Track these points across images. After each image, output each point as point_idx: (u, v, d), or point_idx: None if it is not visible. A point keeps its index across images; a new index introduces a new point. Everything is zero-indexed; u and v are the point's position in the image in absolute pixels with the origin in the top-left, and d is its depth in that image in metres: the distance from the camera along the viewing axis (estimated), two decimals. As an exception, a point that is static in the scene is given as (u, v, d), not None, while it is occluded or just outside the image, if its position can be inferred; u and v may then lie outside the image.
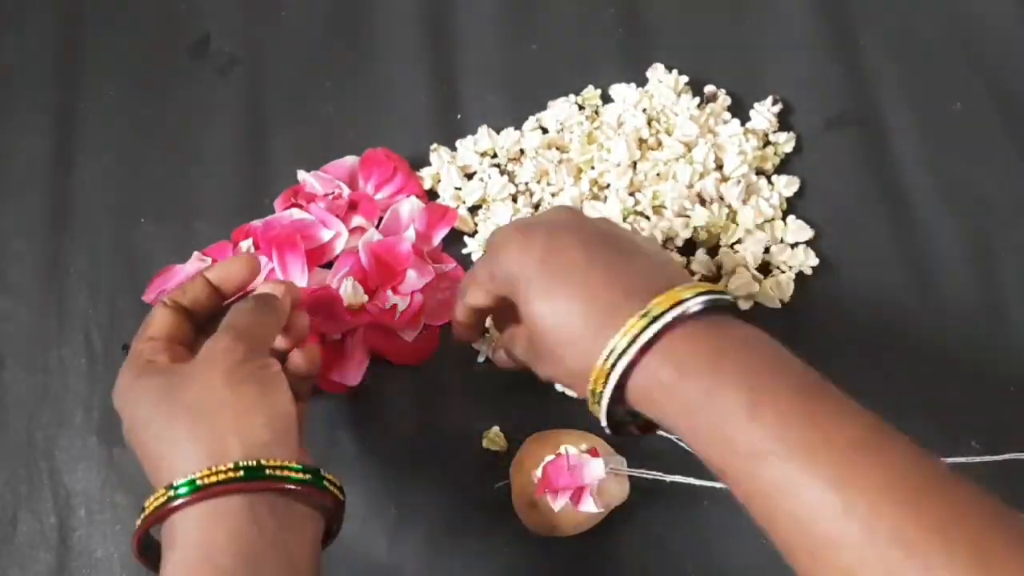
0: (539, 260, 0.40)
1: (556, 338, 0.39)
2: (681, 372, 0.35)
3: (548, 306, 0.39)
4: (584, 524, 0.49)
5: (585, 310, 0.38)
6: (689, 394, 0.35)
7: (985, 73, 0.63)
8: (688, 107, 0.60)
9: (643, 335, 0.36)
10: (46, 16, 0.67)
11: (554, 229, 0.41)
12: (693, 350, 0.36)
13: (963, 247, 0.58)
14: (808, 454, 0.31)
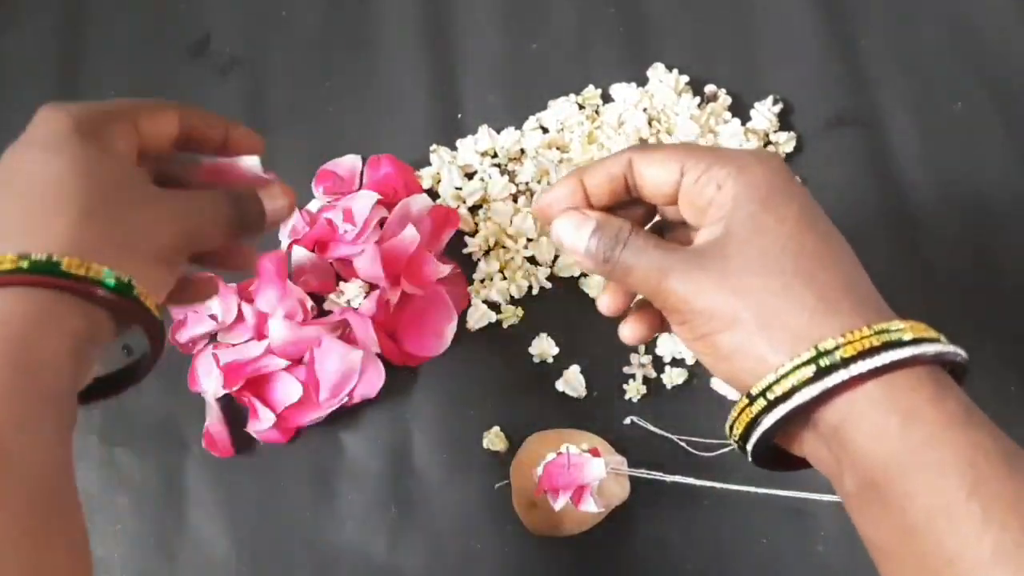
0: (806, 193, 0.33)
1: (799, 267, 0.31)
2: (906, 419, 0.29)
3: (813, 238, 0.32)
4: (584, 524, 0.49)
5: (855, 274, 0.32)
6: (901, 448, 0.28)
7: (985, 73, 0.63)
8: (688, 107, 0.60)
9: (882, 354, 0.29)
10: (46, 16, 0.67)
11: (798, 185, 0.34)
12: (919, 400, 0.29)
13: (963, 247, 0.58)
14: None
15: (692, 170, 0.33)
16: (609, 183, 0.35)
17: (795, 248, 0.31)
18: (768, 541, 0.51)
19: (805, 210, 0.33)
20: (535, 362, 0.55)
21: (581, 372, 0.55)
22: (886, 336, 0.29)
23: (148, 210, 0.33)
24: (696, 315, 0.32)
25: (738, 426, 0.32)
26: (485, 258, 0.57)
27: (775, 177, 0.33)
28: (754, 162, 0.33)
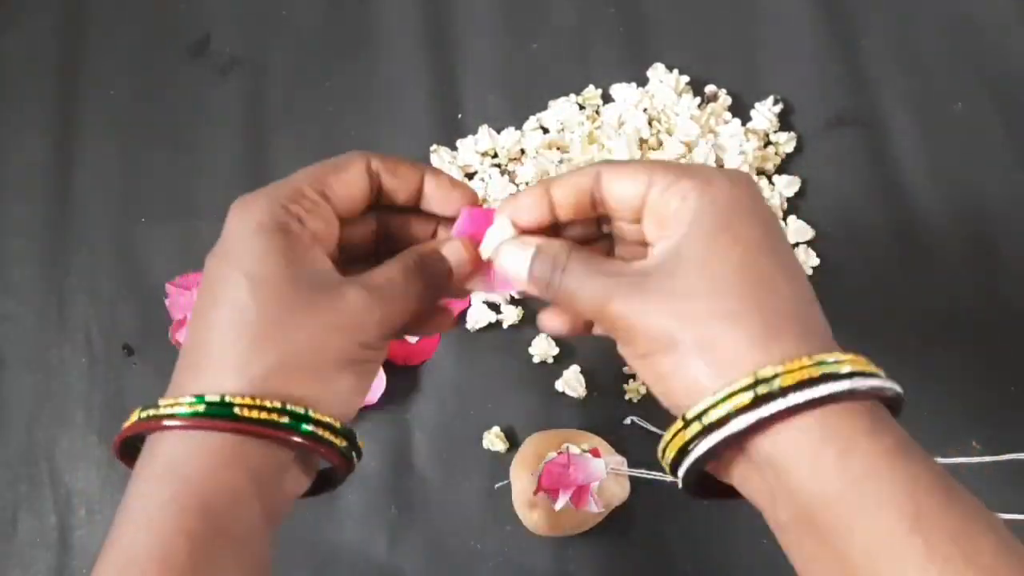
0: (771, 216, 0.32)
1: (748, 292, 0.30)
2: (843, 451, 0.28)
3: (770, 262, 0.31)
4: (584, 524, 0.49)
5: (745, 299, 0.30)
6: (838, 482, 0.28)
7: (986, 73, 0.63)
8: (689, 107, 0.60)
9: (820, 386, 0.28)
10: (46, 16, 0.67)
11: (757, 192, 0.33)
12: (856, 433, 0.28)
13: (964, 247, 0.58)
14: None
15: (659, 182, 0.33)
16: (575, 195, 0.35)
17: (746, 272, 0.31)
18: (768, 541, 0.51)
19: (766, 234, 0.32)
20: (535, 362, 0.55)
21: (581, 372, 0.55)
22: (825, 367, 0.29)
23: (331, 315, 0.32)
24: (637, 336, 0.31)
25: (670, 450, 0.31)
26: (485, 258, 0.57)
27: (741, 195, 0.32)
28: (722, 179, 0.32)
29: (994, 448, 0.50)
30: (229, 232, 0.34)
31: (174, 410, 0.30)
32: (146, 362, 0.57)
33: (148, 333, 0.57)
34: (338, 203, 0.35)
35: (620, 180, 0.34)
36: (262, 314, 0.31)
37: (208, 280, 0.33)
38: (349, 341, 0.32)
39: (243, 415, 0.30)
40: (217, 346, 0.31)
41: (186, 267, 0.58)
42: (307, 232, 0.33)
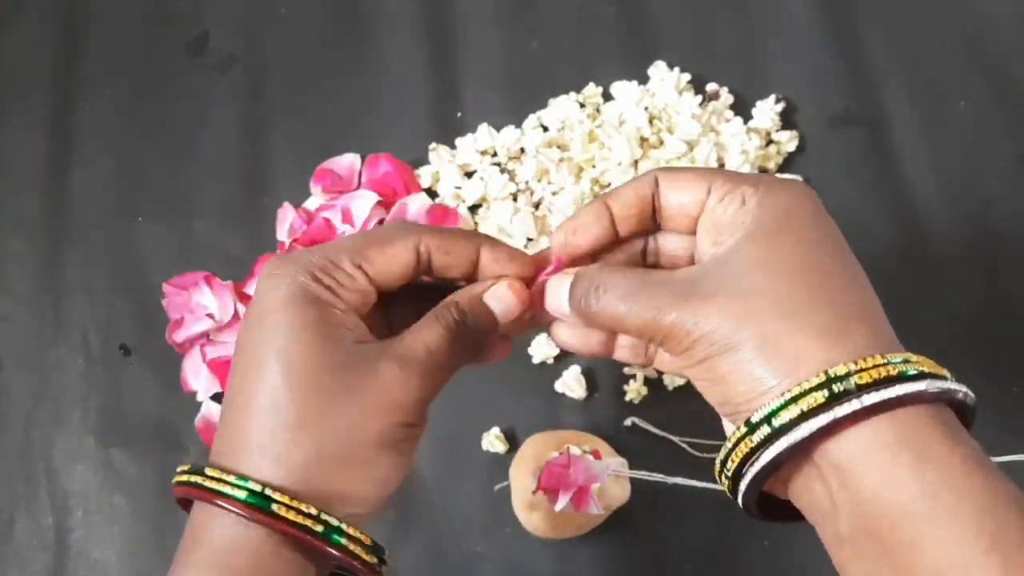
0: (833, 224, 0.31)
1: (813, 290, 0.29)
2: (918, 458, 0.26)
3: (832, 261, 0.30)
4: (585, 526, 0.49)
5: (869, 303, 0.29)
6: (911, 491, 0.26)
7: (989, 72, 0.62)
8: (690, 105, 0.59)
9: (896, 386, 0.27)
10: (45, 15, 0.67)
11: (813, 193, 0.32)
12: (932, 440, 0.27)
13: (966, 246, 0.57)
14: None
15: (718, 189, 0.32)
16: (638, 204, 0.33)
17: (811, 270, 0.29)
18: (769, 543, 0.51)
19: (827, 236, 0.31)
20: (535, 362, 0.55)
21: (581, 373, 0.54)
22: (902, 367, 0.27)
23: (368, 398, 0.31)
24: (695, 342, 0.29)
25: (734, 458, 0.29)
26: (485, 258, 0.57)
27: (802, 201, 0.31)
28: (780, 186, 0.31)
29: (994, 448, 0.49)
30: (260, 298, 0.32)
31: (222, 488, 0.30)
32: (143, 362, 0.56)
33: (145, 333, 0.57)
34: (376, 276, 0.33)
35: (679, 186, 0.33)
36: (297, 401, 0.30)
37: (242, 349, 0.32)
38: (387, 423, 0.31)
39: (280, 514, 0.29)
40: (256, 433, 0.30)
41: (183, 267, 0.58)
42: (341, 302, 0.32)
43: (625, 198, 0.33)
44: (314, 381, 0.30)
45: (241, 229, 0.60)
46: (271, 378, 0.30)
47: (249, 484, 0.29)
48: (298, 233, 0.57)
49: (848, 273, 0.30)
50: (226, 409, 0.32)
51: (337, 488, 0.30)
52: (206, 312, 0.55)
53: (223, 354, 0.53)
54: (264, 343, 0.31)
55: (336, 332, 0.31)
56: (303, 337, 0.31)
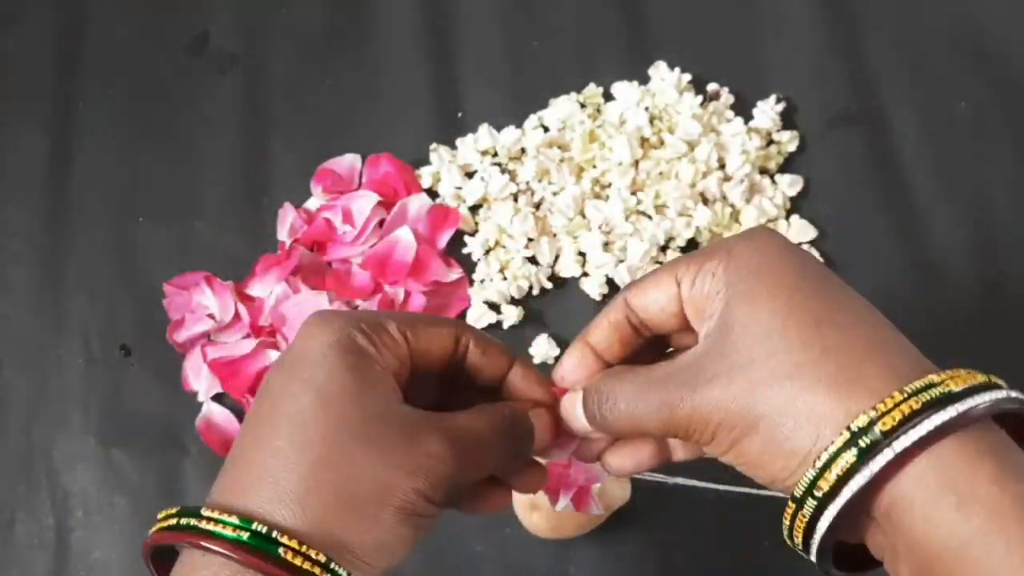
0: (804, 260, 0.30)
1: (803, 345, 0.27)
2: (963, 500, 0.25)
3: (814, 307, 0.28)
4: (585, 526, 0.49)
5: (871, 335, 0.28)
6: (960, 535, 0.25)
7: (990, 73, 0.62)
8: (691, 105, 0.59)
9: (924, 422, 0.25)
10: (46, 15, 0.67)
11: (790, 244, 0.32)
12: (977, 477, 0.25)
13: (967, 247, 0.57)
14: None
15: (686, 276, 0.31)
16: (614, 333, 0.33)
17: (798, 319, 0.28)
18: (770, 543, 0.51)
19: (804, 275, 0.29)
20: (536, 363, 0.55)
21: (582, 373, 0.54)
22: (925, 396, 0.26)
23: (403, 457, 0.29)
24: (716, 429, 0.29)
25: (797, 534, 0.28)
26: (485, 258, 0.57)
27: (766, 247, 0.30)
28: (742, 242, 0.31)
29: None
30: (299, 344, 0.31)
31: (217, 529, 0.27)
32: (144, 363, 0.57)
33: (146, 333, 0.57)
34: (417, 350, 0.32)
35: (648, 296, 0.32)
36: (326, 436, 0.28)
37: (268, 390, 0.30)
38: (411, 488, 0.29)
39: (287, 558, 0.27)
40: (272, 465, 0.28)
41: (184, 267, 0.58)
42: (383, 361, 0.31)
43: (600, 333, 0.33)
44: (348, 424, 0.29)
45: (242, 229, 0.60)
46: (303, 412, 0.29)
47: (254, 525, 0.27)
48: (299, 233, 0.57)
49: (840, 308, 0.29)
50: (237, 446, 0.30)
51: (344, 541, 0.28)
52: (207, 312, 0.55)
53: (224, 354, 0.53)
54: (300, 380, 0.29)
55: (378, 385, 0.30)
56: (345, 378, 0.29)
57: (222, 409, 0.54)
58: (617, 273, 0.55)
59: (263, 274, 0.56)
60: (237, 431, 0.53)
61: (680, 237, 0.56)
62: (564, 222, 0.57)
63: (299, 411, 0.29)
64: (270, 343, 0.54)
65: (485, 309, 0.56)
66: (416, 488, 0.29)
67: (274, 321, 0.54)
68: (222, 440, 0.53)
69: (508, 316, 0.56)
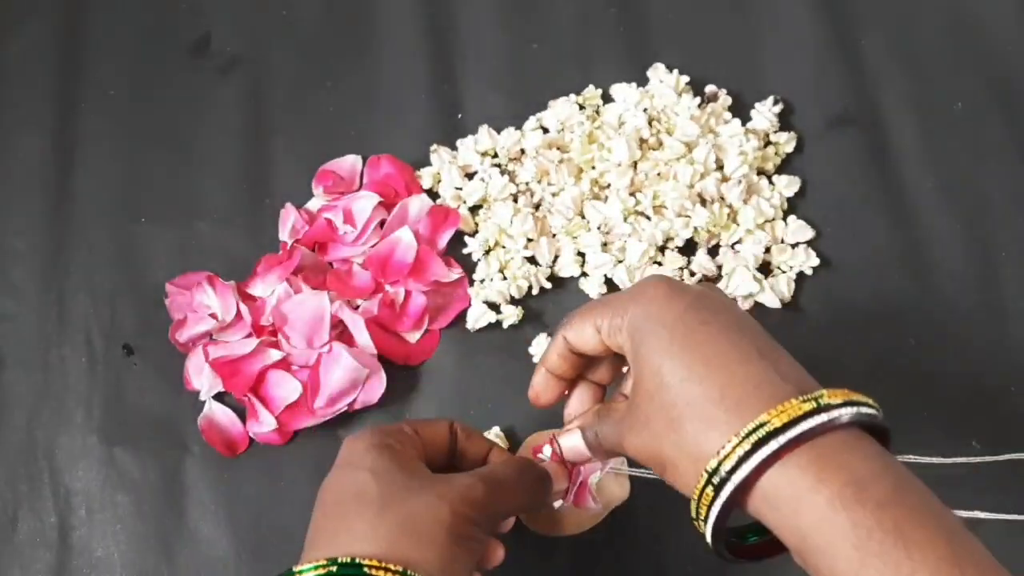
0: (684, 309, 0.36)
1: (676, 398, 0.34)
2: (804, 499, 0.31)
3: (680, 361, 0.34)
4: (585, 523, 0.49)
5: (727, 377, 0.33)
6: (803, 531, 0.31)
7: (987, 73, 0.62)
8: (689, 107, 0.60)
9: (807, 420, 0.31)
10: (46, 16, 0.67)
11: (707, 291, 0.38)
12: (854, 462, 0.31)
13: (964, 247, 0.58)
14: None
15: (602, 326, 0.38)
16: (564, 362, 0.41)
17: (679, 360, 0.34)
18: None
19: (690, 308, 0.35)
20: (535, 362, 0.55)
21: (581, 372, 0.55)
22: (808, 406, 0.32)
23: (443, 487, 0.38)
24: (647, 464, 0.36)
25: (702, 510, 0.34)
26: (485, 258, 0.57)
27: (653, 299, 0.36)
28: (628, 299, 0.37)
29: (994, 448, 0.49)
30: (343, 453, 0.40)
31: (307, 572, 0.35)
32: (146, 362, 0.57)
33: (148, 333, 0.57)
34: (426, 440, 0.42)
35: (577, 336, 0.40)
36: (384, 491, 0.37)
37: (326, 487, 0.39)
38: (458, 510, 0.37)
39: (372, 574, 0.34)
40: (345, 518, 0.37)
41: (186, 267, 0.58)
42: (408, 452, 0.40)
43: (553, 361, 0.42)
44: (397, 480, 0.38)
45: (243, 230, 0.60)
46: (361, 482, 0.38)
47: (340, 559, 0.35)
48: (300, 234, 0.57)
49: (729, 335, 0.35)
50: (317, 518, 0.39)
51: (413, 561, 0.35)
52: (209, 312, 0.55)
53: (226, 353, 0.53)
54: (353, 467, 0.39)
55: (411, 461, 0.39)
56: (386, 456, 0.39)
57: (224, 408, 0.54)
58: (616, 273, 0.56)
59: (265, 274, 0.56)
60: (239, 430, 0.54)
61: (678, 237, 0.56)
62: (563, 222, 0.57)
63: (361, 484, 0.38)
64: (272, 342, 0.54)
65: (485, 309, 0.56)
66: (459, 510, 0.37)
67: (276, 321, 0.54)
68: (223, 439, 0.54)
69: (508, 316, 0.56)
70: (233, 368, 0.53)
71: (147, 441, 0.55)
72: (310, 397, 0.52)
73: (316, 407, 0.52)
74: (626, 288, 0.42)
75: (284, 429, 0.53)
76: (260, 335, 0.55)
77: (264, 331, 0.55)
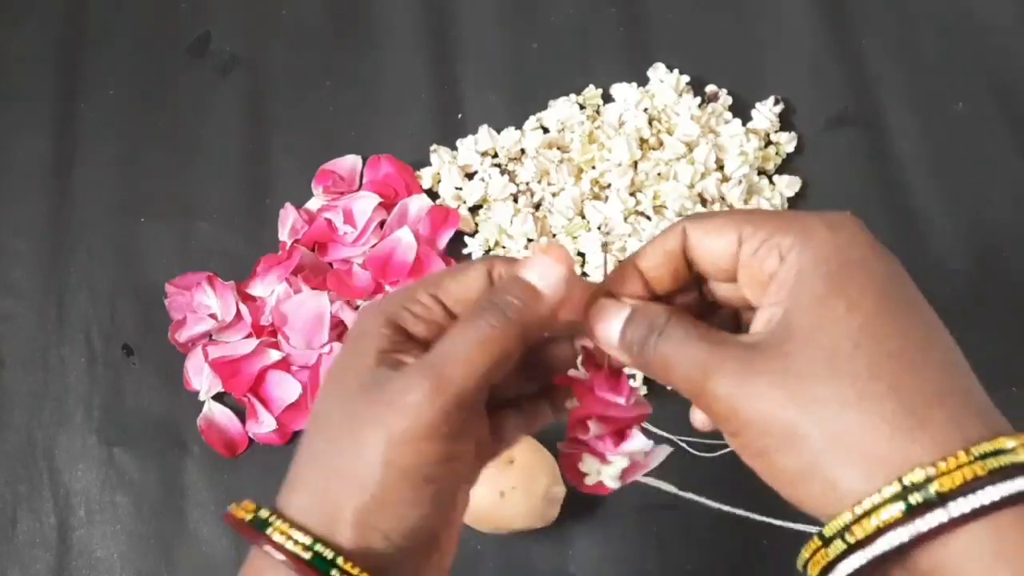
0: (893, 272, 0.28)
1: (861, 373, 0.25)
2: (1016, 573, 0.23)
3: (886, 333, 0.26)
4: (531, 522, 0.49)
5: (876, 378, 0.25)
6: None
7: (987, 74, 0.62)
8: (689, 107, 0.60)
9: (987, 489, 0.23)
10: (46, 16, 0.67)
11: (875, 243, 0.29)
12: None
13: (964, 247, 0.58)
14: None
15: (751, 239, 0.28)
16: (669, 263, 0.30)
17: (872, 345, 0.26)
18: (768, 542, 0.51)
19: (886, 293, 0.27)
20: (535, 362, 0.55)
21: (581, 372, 0.54)
22: (993, 462, 0.23)
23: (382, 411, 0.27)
24: (747, 427, 0.26)
25: (812, 569, 0.26)
26: (485, 258, 0.57)
27: (849, 248, 0.27)
28: (823, 229, 0.27)
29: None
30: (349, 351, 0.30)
31: (286, 543, 0.27)
32: (145, 362, 0.57)
33: (148, 333, 0.57)
34: (454, 305, 0.30)
35: (708, 238, 0.29)
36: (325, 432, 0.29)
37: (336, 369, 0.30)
38: (400, 447, 0.27)
39: None
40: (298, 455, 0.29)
41: (186, 267, 0.58)
42: (413, 328, 0.30)
43: (653, 259, 0.30)
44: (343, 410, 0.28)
45: (243, 230, 0.60)
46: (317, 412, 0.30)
47: (317, 547, 0.27)
48: (300, 234, 0.57)
49: (920, 340, 0.27)
50: None
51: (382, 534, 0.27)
52: (208, 312, 0.55)
53: (225, 354, 0.53)
54: (326, 384, 0.30)
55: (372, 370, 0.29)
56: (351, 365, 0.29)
57: (223, 408, 0.54)
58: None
59: (264, 274, 0.56)
60: (238, 430, 0.54)
61: (679, 237, 0.56)
62: (563, 222, 0.57)
63: (316, 410, 0.30)
64: (271, 343, 0.54)
65: (485, 309, 0.56)
66: (399, 445, 0.27)
67: (275, 321, 0.54)
68: (223, 439, 0.54)
69: (508, 316, 0.56)
70: (233, 368, 0.53)
71: (147, 441, 0.55)
72: (310, 397, 0.52)
73: None
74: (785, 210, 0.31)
75: (284, 429, 0.53)
76: (260, 335, 0.55)
77: (264, 331, 0.55)
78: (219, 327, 0.55)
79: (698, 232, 0.29)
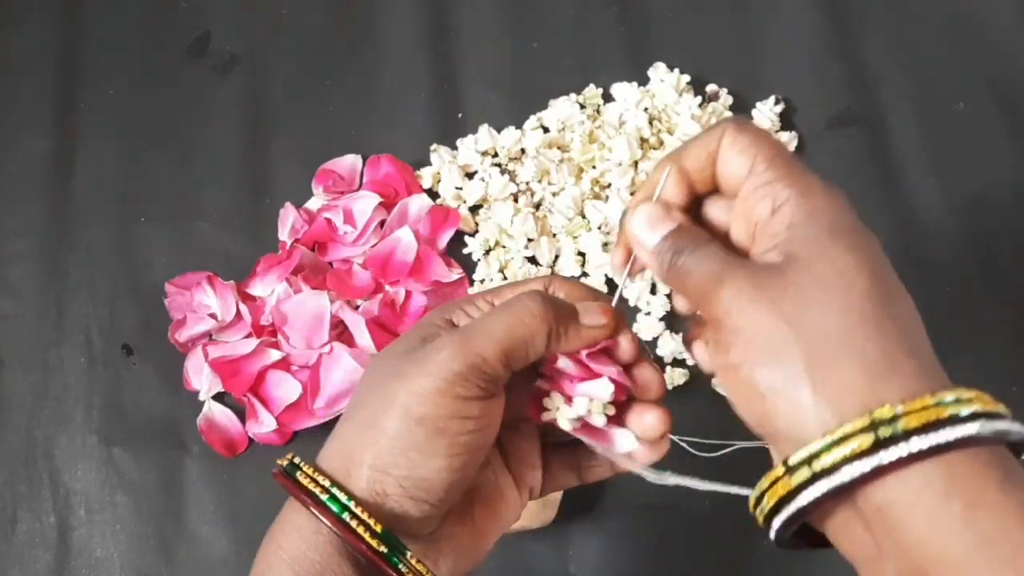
0: (872, 243, 0.30)
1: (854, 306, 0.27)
2: (971, 506, 0.24)
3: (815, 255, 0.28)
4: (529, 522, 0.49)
5: (864, 319, 0.27)
6: (964, 540, 0.24)
7: (988, 73, 0.62)
8: (690, 106, 0.60)
9: (946, 429, 0.25)
10: (46, 15, 0.67)
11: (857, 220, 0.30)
12: (986, 486, 0.25)
13: (964, 246, 0.58)
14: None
15: (758, 174, 0.29)
16: (709, 166, 0.31)
17: (864, 288, 0.27)
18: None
19: (875, 254, 0.29)
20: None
21: (581, 372, 0.54)
22: (952, 408, 0.25)
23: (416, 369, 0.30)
24: (736, 334, 0.27)
25: (769, 499, 0.27)
26: (485, 258, 0.57)
27: (841, 213, 0.29)
28: (820, 190, 0.29)
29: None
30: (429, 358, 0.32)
31: (324, 498, 0.31)
32: (145, 362, 0.57)
33: (148, 333, 0.57)
34: None
35: (732, 150, 0.30)
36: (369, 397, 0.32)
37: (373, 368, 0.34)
38: (418, 396, 0.30)
39: (352, 527, 0.30)
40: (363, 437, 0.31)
41: (186, 267, 0.58)
42: None
43: (697, 159, 0.31)
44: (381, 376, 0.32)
45: (243, 229, 0.60)
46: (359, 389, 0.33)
47: (340, 496, 0.30)
48: (299, 234, 0.57)
49: (898, 299, 0.28)
50: None
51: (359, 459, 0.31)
52: (208, 312, 0.55)
53: (225, 353, 0.53)
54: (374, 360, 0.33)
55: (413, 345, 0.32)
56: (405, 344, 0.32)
57: (223, 408, 0.54)
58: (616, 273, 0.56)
59: (264, 274, 0.56)
60: (238, 430, 0.54)
61: (679, 237, 0.56)
62: (564, 222, 0.57)
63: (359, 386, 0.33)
64: (271, 342, 0.54)
65: (485, 309, 0.56)
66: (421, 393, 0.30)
67: (275, 320, 0.54)
68: (223, 439, 0.54)
69: (508, 316, 0.56)
70: (233, 368, 0.53)
71: (147, 441, 0.55)
72: (310, 398, 0.52)
73: (316, 408, 0.52)
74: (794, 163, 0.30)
75: (284, 429, 0.53)
76: (260, 335, 0.55)
77: (264, 331, 0.55)
78: (219, 327, 0.55)
79: (728, 140, 0.30)
